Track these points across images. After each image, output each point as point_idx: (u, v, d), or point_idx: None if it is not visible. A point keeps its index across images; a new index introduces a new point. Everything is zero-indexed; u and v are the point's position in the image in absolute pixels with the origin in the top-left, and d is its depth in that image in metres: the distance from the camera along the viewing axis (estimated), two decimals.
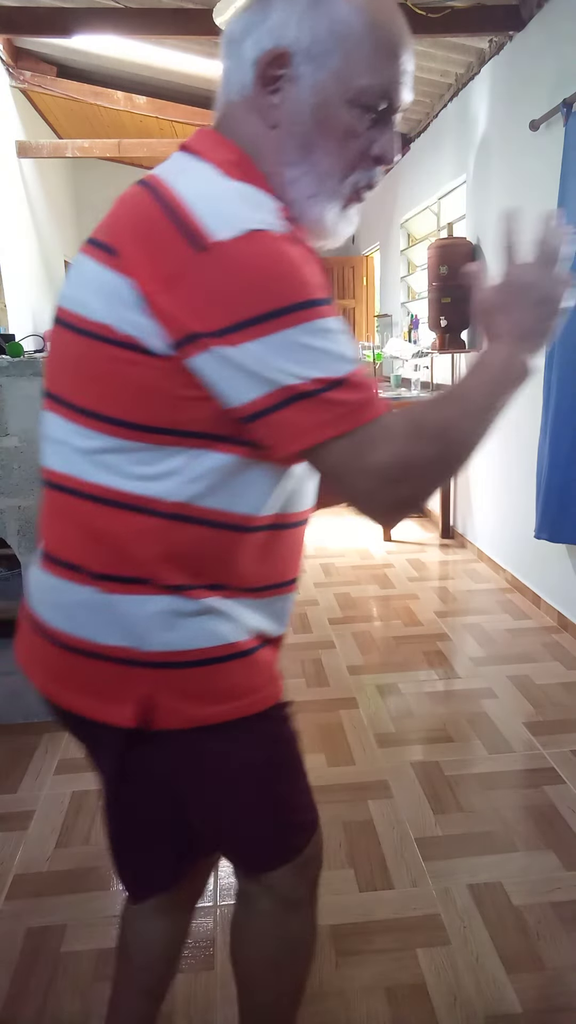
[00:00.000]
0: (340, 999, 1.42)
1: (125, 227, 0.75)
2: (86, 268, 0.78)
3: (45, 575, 0.87)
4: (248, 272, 0.69)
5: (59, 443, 0.82)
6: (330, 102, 0.77)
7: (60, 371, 0.83)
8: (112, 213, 0.79)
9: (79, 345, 0.78)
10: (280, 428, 0.73)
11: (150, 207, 0.74)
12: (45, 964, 1.52)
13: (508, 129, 3.50)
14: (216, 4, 2.63)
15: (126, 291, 0.72)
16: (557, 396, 2.83)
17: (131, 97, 5.09)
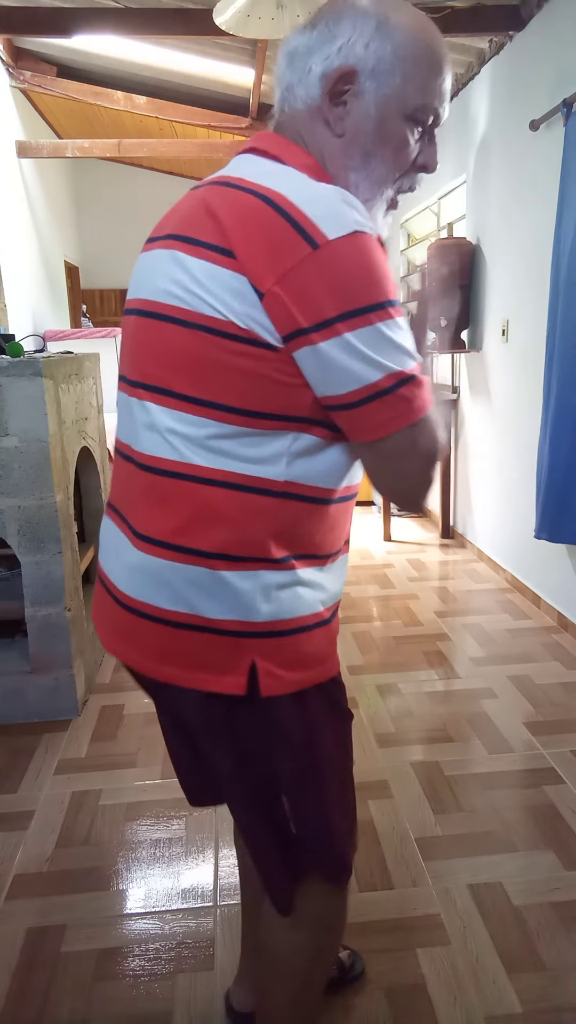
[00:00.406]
0: (340, 999, 1.42)
1: (236, 228, 0.80)
2: (190, 265, 0.83)
3: (146, 557, 0.89)
4: (355, 269, 0.77)
5: (163, 431, 0.86)
6: (390, 116, 0.86)
7: (155, 361, 0.87)
8: (205, 213, 0.84)
9: (186, 337, 0.83)
10: (361, 419, 0.83)
11: (261, 209, 0.79)
12: (45, 964, 1.53)
13: (508, 129, 3.50)
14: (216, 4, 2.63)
15: (247, 289, 0.78)
16: (557, 396, 2.83)
17: (131, 97, 5.09)
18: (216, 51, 4.27)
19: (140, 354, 0.89)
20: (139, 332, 0.90)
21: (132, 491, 0.92)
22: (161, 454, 0.86)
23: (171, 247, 0.86)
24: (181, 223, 0.87)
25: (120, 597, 0.92)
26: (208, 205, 0.84)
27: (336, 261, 0.76)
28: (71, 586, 2.48)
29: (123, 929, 1.61)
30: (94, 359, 3.19)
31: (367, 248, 0.78)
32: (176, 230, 0.87)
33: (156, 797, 2.07)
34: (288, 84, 0.89)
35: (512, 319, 3.57)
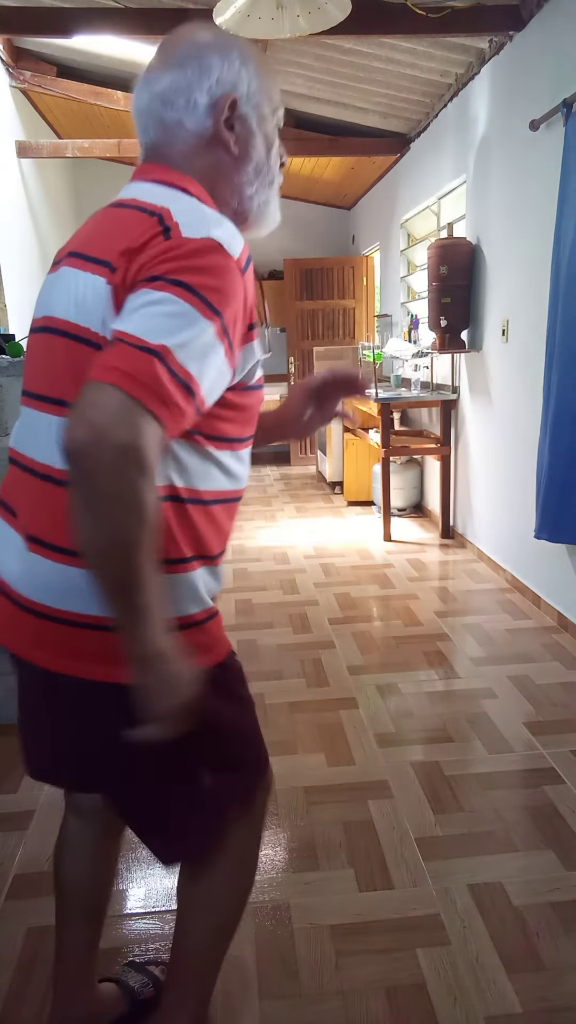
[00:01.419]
0: (340, 999, 1.42)
1: (119, 241, 0.88)
2: (80, 280, 0.90)
3: (34, 558, 0.94)
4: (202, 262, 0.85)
5: (54, 441, 0.90)
6: (264, 129, 1.03)
7: (52, 374, 0.93)
8: (100, 230, 0.93)
9: (74, 349, 0.90)
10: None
11: (141, 218, 0.89)
12: (45, 964, 1.52)
13: (508, 129, 3.50)
14: (216, 4, 2.63)
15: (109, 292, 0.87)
16: (557, 396, 2.83)
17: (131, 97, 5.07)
18: None
19: (41, 368, 0.95)
20: (38, 347, 0.96)
21: (29, 497, 0.96)
22: (49, 462, 0.92)
23: (68, 264, 0.94)
24: (77, 242, 0.96)
25: (8, 591, 0.98)
26: (99, 223, 0.95)
27: (185, 250, 0.85)
28: None
29: (123, 929, 1.61)
30: None
31: (220, 255, 0.87)
32: (73, 248, 0.96)
33: None
34: (173, 121, 0.99)
35: (512, 319, 3.57)
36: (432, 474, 5.07)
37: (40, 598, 0.94)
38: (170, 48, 1.00)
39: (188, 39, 1.00)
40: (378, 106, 4.74)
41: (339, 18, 2.61)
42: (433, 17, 3.30)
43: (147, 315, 0.82)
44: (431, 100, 4.51)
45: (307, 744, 2.31)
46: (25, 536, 0.95)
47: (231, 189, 1.02)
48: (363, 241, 7.06)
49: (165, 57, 0.99)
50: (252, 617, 3.41)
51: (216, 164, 1.00)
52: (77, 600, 0.91)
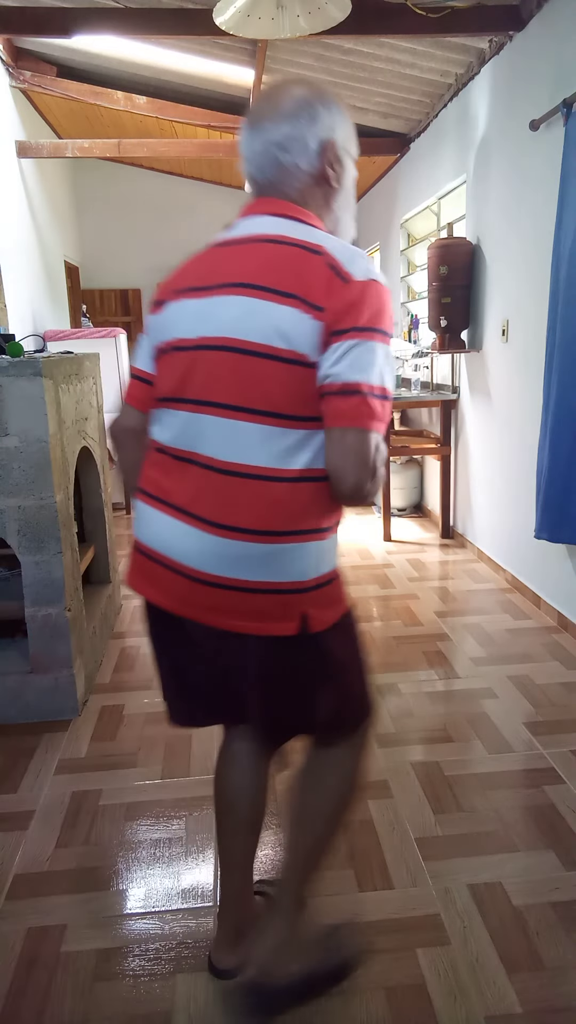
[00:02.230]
0: (340, 999, 1.42)
1: (314, 284, 1.08)
2: (274, 312, 1.08)
3: (221, 541, 1.13)
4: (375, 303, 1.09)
5: (247, 443, 1.10)
6: (349, 164, 1.25)
7: (245, 387, 1.10)
8: (273, 266, 1.11)
9: (255, 363, 1.09)
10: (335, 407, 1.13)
11: (314, 259, 1.10)
12: (45, 964, 1.53)
13: (508, 129, 3.51)
14: (216, 4, 2.63)
15: (321, 330, 1.07)
16: (557, 396, 2.83)
17: (131, 97, 5.08)
18: (216, 51, 4.27)
19: (229, 382, 1.11)
20: (216, 363, 1.12)
21: (201, 488, 1.14)
22: (242, 460, 1.10)
23: (245, 293, 1.11)
24: (243, 274, 1.12)
25: (192, 573, 1.15)
26: (264, 258, 1.12)
27: (369, 298, 1.08)
28: (71, 586, 2.48)
29: (123, 929, 1.61)
30: (94, 359, 3.19)
31: (384, 289, 1.11)
32: (242, 279, 1.12)
33: (156, 797, 2.07)
34: (291, 163, 1.18)
35: (512, 319, 3.57)
36: (432, 474, 5.07)
37: (220, 571, 1.13)
38: (278, 102, 1.19)
39: (294, 94, 1.19)
40: (378, 106, 4.74)
41: (339, 18, 2.61)
42: (433, 17, 3.30)
43: (372, 364, 1.08)
44: (431, 100, 4.51)
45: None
46: (201, 520, 1.14)
47: (330, 215, 1.24)
48: (363, 241, 7.06)
49: (276, 109, 1.18)
50: None
51: (323, 196, 1.22)
52: (249, 570, 1.12)
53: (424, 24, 3.32)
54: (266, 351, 1.08)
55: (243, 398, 1.10)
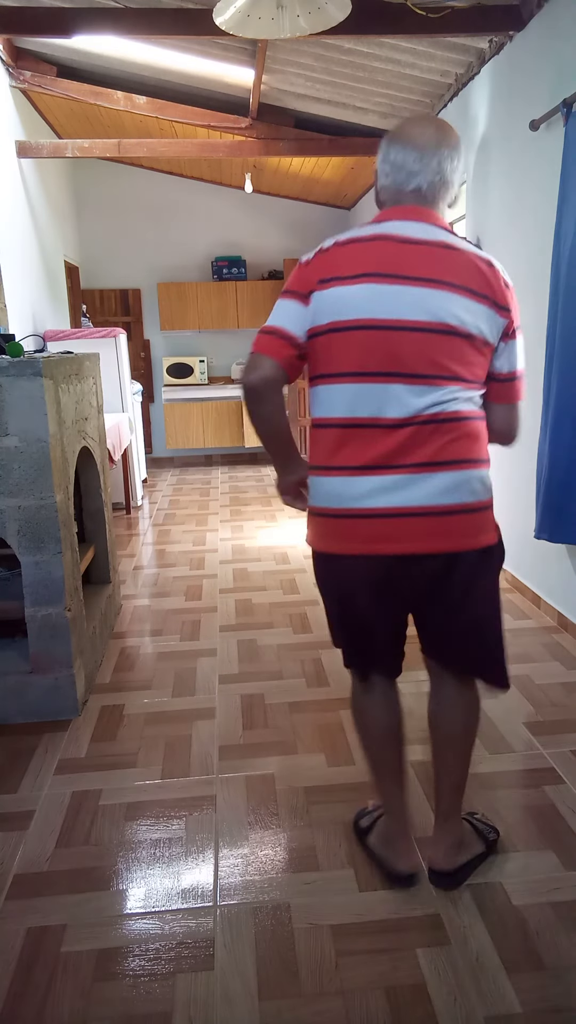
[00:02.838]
0: (340, 999, 1.42)
1: (498, 290, 1.47)
2: (471, 306, 1.43)
3: (450, 475, 1.44)
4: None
5: (451, 399, 1.44)
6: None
7: (449, 358, 1.43)
8: (459, 268, 1.44)
9: (461, 343, 1.43)
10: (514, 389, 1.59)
11: (492, 270, 1.48)
12: (45, 964, 1.53)
13: (508, 129, 3.50)
14: (216, 4, 2.63)
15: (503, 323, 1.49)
16: (557, 396, 2.83)
17: (131, 97, 5.08)
18: (216, 51, 4.27)
19: (420, 355, 1.41)
20: (415, 340, 1.41)
21: (406, 443, 1.42)
22: (448, 408, 1.44)
23: (442, 288, 1.41)
24: (436, 272, 1.42)
25: (427, 510, 1.44)
26: (448, 260, 1.44)
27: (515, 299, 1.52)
28: (71, 586, 2.48)
29: (123, 929, 1.61)
30: (94, 359, 3.19)
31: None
32: (437, 276, 1.42)
33: (156, 797, 2.07)
34: (450, 182, 1.53)
35: None
36: None
37: (442, 501, 1.44)
38: (447, 132, 1.50)
39: (450, 128, 1.52)
40: (378, 106, 4.74)
41: (339, 18, 2.61)
42: (433, 17, 3.30)
43: (522, 355, 1.56)
44: (431, 100, 4.51)
45: (307, 744, 2.31)
46: (413, 466, 1.43)
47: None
48: None
49: (446, 139, 1.49)
50: (252, 617, 3.41)
51: (444, 209, 1.57)
52: (468, 494, 1.48)
53: (424, 24, 3.32)
54: (463, 332, 1.42)
55: (453, 369, 1.43)
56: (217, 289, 7.38)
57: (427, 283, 1.40)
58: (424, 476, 1.42)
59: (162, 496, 6.23)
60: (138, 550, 4.61)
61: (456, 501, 1.45)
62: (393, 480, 1.42)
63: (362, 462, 1.44)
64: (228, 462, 7.87)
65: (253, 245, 7.59)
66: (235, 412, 7.47)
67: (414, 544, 1.45)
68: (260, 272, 7.64)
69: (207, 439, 7.54)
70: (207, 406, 7.47)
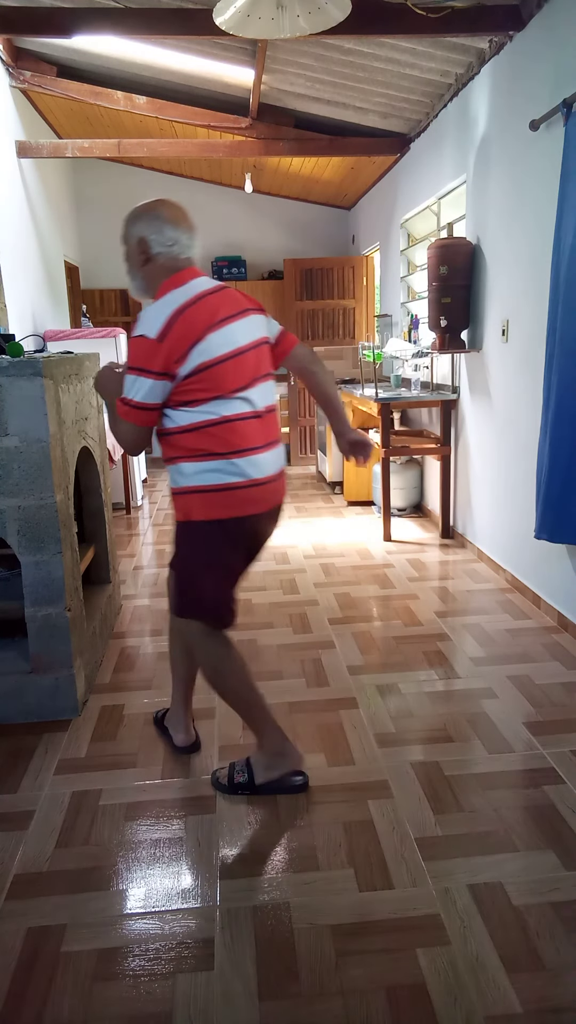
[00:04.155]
0: (340, 999, 1.42)
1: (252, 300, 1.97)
2: (257, 319, 1.95)
3: (280, 449, 1.96)
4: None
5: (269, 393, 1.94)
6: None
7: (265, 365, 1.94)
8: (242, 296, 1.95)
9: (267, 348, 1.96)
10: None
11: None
12: (45, 964, 1.53)
13: (508, 129, 3.51)
14: (216, 4, 2.63)
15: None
16: (557, 396, 2.83)
17: (131, 97, 5.08)
18: (216, 51, 4.27)
19: (264, 362, 1.95)
20: (252, 355, 1.89)
21: (263, 425, 1.89)
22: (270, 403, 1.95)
23: (248, 315, 1.91)
24: (239, 304, 1.90)
25: (277, 474, 1.94)
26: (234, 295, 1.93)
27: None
28: (71, 586, 2.48)
29: (123, 929, 1.61)
30: (94, 359, 3.19)
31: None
32: (244, 307, 1.91)
33: (156, 797, 2.07)
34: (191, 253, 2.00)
35: (512, 319, 3.57)
36: (432, 474, 5.07)
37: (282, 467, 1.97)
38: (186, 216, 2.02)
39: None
40: (378, 106, 4.74)
41: (339, 18, 2.61)
42: (433, 17, 3.30)
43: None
44: (431, 100, 4.51)
45: (307, 744, 2.31)
46: (275, 443, 1.95)
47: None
48: (363, 241, 7.06)
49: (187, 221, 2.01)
50: (252, 617, 3.41)
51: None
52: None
53: (424, 24, 3.32)
54: (266, 342, 1.98)
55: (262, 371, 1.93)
56: None
57: (238, 315, 1.87)
58: (277, 451, 1.96)
59: (162, 496, 6.23)
60: (138, 550, 4.60)
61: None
62: (272, 454, 1.92)
63: (267, 440, 1.91)
64: None
65: (253, 245, 7.59)
66: None
67: (278, 498, 1.98)
68: (260, 272, 7.64)
69: None
70: None
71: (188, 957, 1.53)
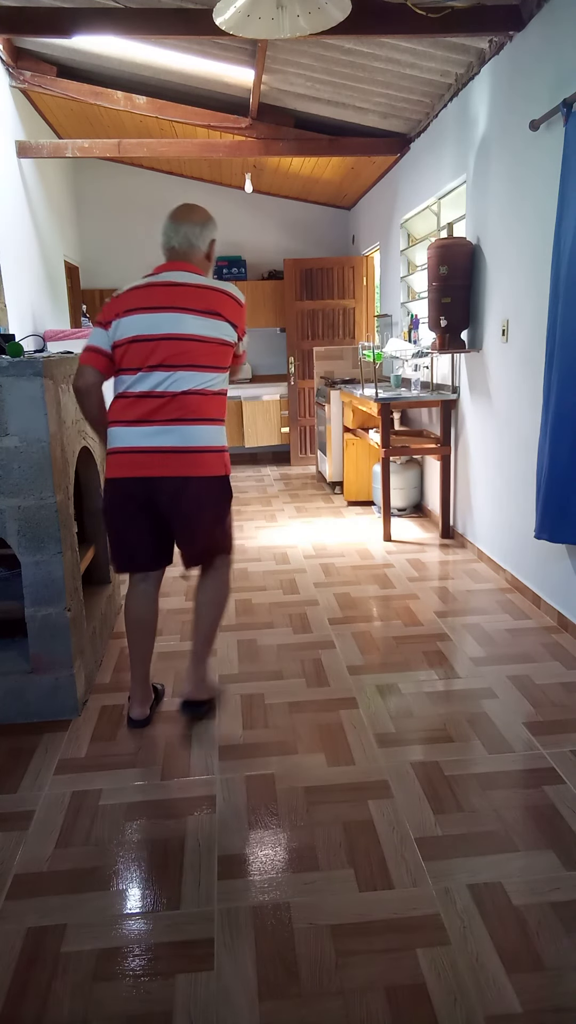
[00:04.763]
0: (340, 999, 1.42)
1: (221, 303, 2.23)
2: (203, 322, 2.19)
3: (196, 427, 2.18)
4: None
5: (192, 381, 2.17)
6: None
7: (192, 356, 2.16)
8: (200, 296, 2.21)
9: (194, 344, 2.17)
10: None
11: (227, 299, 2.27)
12: (45, 964, 1.53)
13: (508, 129, 3.50)
14: (216, 4, 2.63)
15: (231, 329, 2.26)
16: (557, 396, 2.83)
17: (131, 97, 5.08)
18: (216, 51, 4.27)
19: (178, 353, 2.16)
20: (178, 344, 2.16)
21: (163, 407, 2.16)
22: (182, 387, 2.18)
23: (180, 312, 2.17)
24: (184, 301, 2.19)
25: (173, 450, 2.15)
26: (198, 295, 2.21)
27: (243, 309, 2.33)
28: (71, 586, 2.48)
29: (123, 929, 1.61)
30: None
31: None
32: (182, 303, 2.18)
33: (156, 797, 2.07)
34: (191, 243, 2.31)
35: (512, 319, 3.57)
36: (432, 474, 5.07)
37: (194, 444, 2.17)
38: (193, 211, 2.37)
39: (199, 208, 2.37)
40: (378, 106, 4.74)
41: (339, 18, 2.61)
42: (433, 17, 3.30)
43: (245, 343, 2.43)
44: (431, 100, 4.51)
45: (307, 744, 2.31)
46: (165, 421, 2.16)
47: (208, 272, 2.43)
48: (363, 241, 7.06)
49: (192, 216, 2.36)
50: (252, 617, 3.41)
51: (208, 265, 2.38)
52: (207, 442, 2.19)
53: (424, 24, 3.32)
54: (203, 340, 2.19)
55: (189, 359, 2.17)
56: None
57: (168, 309, 2.16)
58: (168, 428, 2.16)
59: None
60: None
61: (199, 444, 2.18)
62: (153, 429, 2.15)
63: (137, 417, 2.17)
64: None
65: (253, 245, 7.59)
66: (235, 412, 7.47)
67: (169, 471, 2.17)
68: (260, 272, 7.64)
69: None
70: None
71: (188, 957, 1.53)
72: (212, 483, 2.20)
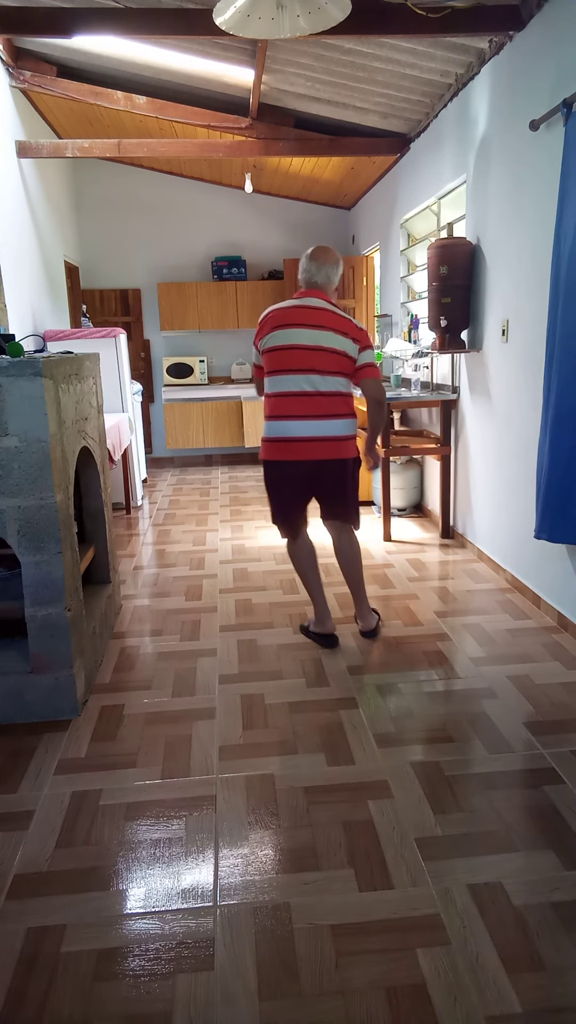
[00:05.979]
0: (340, 999, 1.42)
1: (350, 328, 2.88)
2: (334, 339, 2.86)
3: (328, 421, 2.91)
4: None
5: (332, 384, 2.91)
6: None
7: (320, 363, 2.87)
8: (339, 320, 2.88)
9: (329, 354, 2.87)
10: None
11: (349, 322, 2.91)
12: (45, 964, 1.53)
13: (508, 129, 3.50)
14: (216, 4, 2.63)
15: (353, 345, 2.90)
16: (557, 396, 2.83)
17: (131, 97, 5.08)
18: (216, 51, 4.27)
19: (319, 361, 2.86)
20: (308, 352, 2.86)
21: (312, 403, 2.89)
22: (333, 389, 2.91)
23: (325, 329, 2.85)
24: (326, 321, 2.86)
25: (323, 438, 2.91)
26: (330, 317, 2.88)
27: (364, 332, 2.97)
28: (71, 586, 2.48)
29: (123, 929, 1.61)
30: (94, 359, 3.19)
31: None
32: (324, 324, 2.85)
33: (156, 797, 2.07)
34: (328, 279, 2.96)
35: (512, 319, 3.57)
36: (432, 474, 5.07)
37: (333, 434, 2.92)
38: (327, 253, 2.94)
39: (331, 251, 2.96)
40: (378, 106, 4.74)
41: (339, 18, 2.61)
42: (433, 17, 3.30)
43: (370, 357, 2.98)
44: (431, 100, 4.51)
45: (307, 744, 2.31)
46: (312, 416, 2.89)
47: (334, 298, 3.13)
48: (363, 241, 7.05)
49: (327, 257, 2.93)
50: (252, 617, 3.41)
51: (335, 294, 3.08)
52: (343, 432, 2.96)
53: (424, 24, 3.32)
54: (335, 351, 2.84)
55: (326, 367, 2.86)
56: (217, 289, 7.38)
57: (312, 326, 2.82)
58: (314, 422, 2.86)
59: (162, 496, 6.23)
60: (138, 550, 4.61)
61: (331, 433, 2.90)
62: (306, 422, 2.86)
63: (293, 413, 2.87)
64: (228, 462, 7.87)
65: (253, 245, 7.59)
66: (235, 412, 7.48)
67: (314, 455, 2.91)
68: (260, 272, 7.64)
69: (207, 439, 7.54)
70: (207, 406, 7.47)
71: (188, 957, 1.53)
72: (347, 463, 2.99)
